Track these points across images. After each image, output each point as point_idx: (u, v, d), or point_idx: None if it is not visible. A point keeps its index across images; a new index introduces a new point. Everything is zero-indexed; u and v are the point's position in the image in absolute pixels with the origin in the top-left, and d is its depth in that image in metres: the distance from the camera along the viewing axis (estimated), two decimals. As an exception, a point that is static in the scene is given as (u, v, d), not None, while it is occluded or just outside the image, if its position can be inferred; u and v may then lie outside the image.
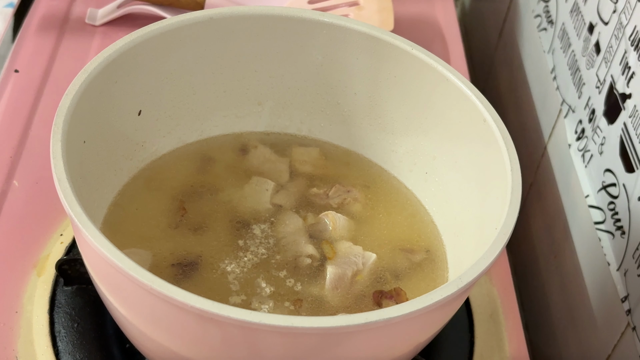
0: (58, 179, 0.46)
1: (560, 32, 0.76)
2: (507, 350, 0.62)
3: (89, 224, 0.44)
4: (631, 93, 0.60)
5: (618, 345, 0.60)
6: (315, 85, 0.64)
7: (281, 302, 0.54)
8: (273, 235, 0.58)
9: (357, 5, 0.82)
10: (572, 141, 0.72)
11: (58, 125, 0.49)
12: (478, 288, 0.65)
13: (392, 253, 0.59)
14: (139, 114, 0.59)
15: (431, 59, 0.58)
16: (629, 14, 0.62)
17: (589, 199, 0.67)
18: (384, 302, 0.55)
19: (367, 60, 0.61)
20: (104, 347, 0.58)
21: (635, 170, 0.59)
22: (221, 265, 0.55)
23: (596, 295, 0.65)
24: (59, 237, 0.64)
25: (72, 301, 0.60)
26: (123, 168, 0.60)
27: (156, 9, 0.81)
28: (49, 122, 0.49)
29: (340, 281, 0.55)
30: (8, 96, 0.75)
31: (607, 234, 0.63)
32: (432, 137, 0.61)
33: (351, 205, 0.62)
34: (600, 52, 0.67)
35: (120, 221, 0.57)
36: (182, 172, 0.62)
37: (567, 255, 0.70)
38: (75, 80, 0.52)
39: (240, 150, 0.65)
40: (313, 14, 0.60)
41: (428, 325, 0.49)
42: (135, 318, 0.47)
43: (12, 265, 0.62)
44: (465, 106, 0.57)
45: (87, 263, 0.49)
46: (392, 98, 0.62)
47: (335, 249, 0.57)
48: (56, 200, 0.46)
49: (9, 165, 0.68)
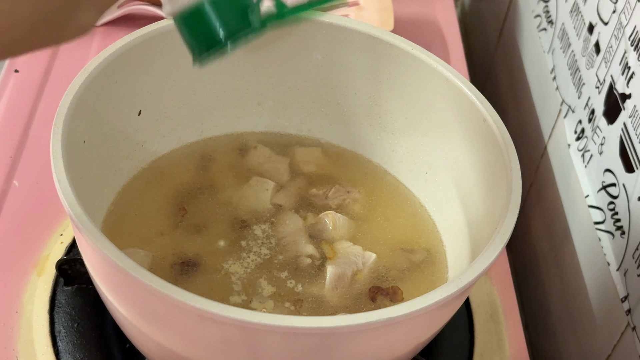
0: (58, 179, 0.46)
1: (560, 32, 0.76)
2: (507, 350, 0.62)
3: (89, 224, 0.44)
4: (631, 93, 0.60)
5: (618, 345, 0.60)
6: (315, 85, 0.64)
7: (281, 302, 0.54)
8: (274, 235, 0.58)
9: (357, 5, 0.82)
10: (572, 141, 0.72)
11: (58, 125, 0.49)
12: (478, 288, 0.65)
13: (392, 253, 0.59)
14: (139, 114, 0.59)
15: (431, 59, 0.58)
16: (629, 14, 0.62)
17: (589, 199, 0.67)
18: (379, 298, 0.55)
19: (367, 60, 0.61)
20: (104, 347, 0.58)
21: (635, 170, 0.59)
22: (223, 265, 0.55)
23: (596, 295, 0.65)
24: (59, 237, 0.64)
25: (72, 301, 0.60)
26: (123, 168, 0.60)
27: (156, 9, 0.81)
28: (49, 122, 0.49)
29: (340, 281, 0.55)
30: (8, 96, 0.75)
31: (607, 234, 0.63)
32: (432, 137, 0.61)
33: (351, 206, 0.62)
34: (600, 52, 0.67)
35: (120, 221, 0.57)
36: (182, 172, 0.62)
37: (567, 255, 0.70)
38: (75, 80, 0.52)
39: (240, 150, 0.65)
40: (313, 14, 0.60)
41: (428, 325, 0.49)
42: (135, 318, 0.47)
43: (12, 265, 0.62)
44: (465, 106, 0.57)
45: (87, 263, 0.49)
46: (392, 98, 0.62)
47: (335, 249, 0.57)
48: (56, 200, 0.46)
49: (9, 165, 0.68)
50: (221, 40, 0.43)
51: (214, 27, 0.43)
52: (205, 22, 0.43)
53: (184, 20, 0.43)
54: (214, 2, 0.42)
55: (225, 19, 0.43)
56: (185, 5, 0.42)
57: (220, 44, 0.43)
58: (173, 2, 0.43)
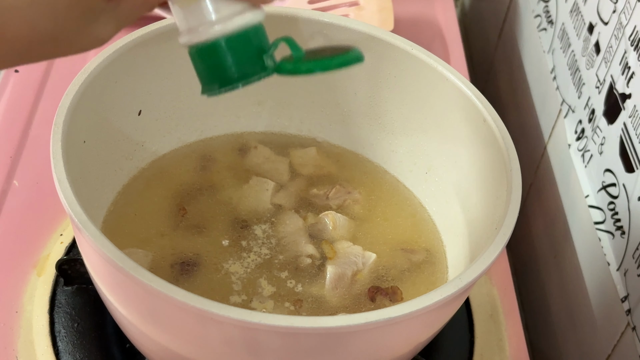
0: (58, 179, 0.46)
1: (560, 32, 0.76)
2: (507, 350, 0.62)
3: (89, 224, 0.44)
4: (631, 93, 0.60)
5: (618, 345, 0.60)
6: (315, 85, 0.64)
7: (281, 302, 0.54)
8: (274, 235, 0.58)
9: (357, 5, 0.82)
10: (572, 141, 0.72)
11: (58, 125, 0.49)
12: (478, 288, 0.65)
13: (392, 253, 0.59)
14: (139, 113, 0.59)
15: (431, 59, 0.58)
16: (629, 14, 0.62)
17: (589, 199, 0.67)
18: (378, 298, 0.55)
19: (367, 60, 0.61)
20: (104, 347, 0.58)
21: (635, 170, 0.59)
22: (224, 265, 0.55)
23: (596, 295, 0.65)
24: (59, 237, 0.64)
25: (72, 301, 0.60)
26: (123, 168, 0.60)
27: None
28: (49, 122, 0.49)
29: (340, 281, 0.55)
30: (8, 96, 0.75)
31: (607, 234, 0.63)
32: (432, 137, 0.61)
33: (351, 206, 0.62)
34: (600, 52, 0.67)
35: (120, 221, 0.57)
36: (182, 172, 0.62)
37: (567, 255, 0.70)
38: (75, 80, 0.52)
39: (240, 150, 0.65)
40: (313, 14, 0.60)
41: (428, 325, 0.49)
42: (135, 318, 0.47)
43: (12, 265, 0.62)
44: (465, 106, 0.57)
45: (87, 263, 0.49)
46: (392, 98, 0.62)
47: (335, 249, 0.57)
48: (56, 200, 0.46)
49: (9, 165, 0.68)
50: (233, 79, 0.43)
51: (228, 65, 0.43)
52: (220, 58, 0.42)
53: (198, 53, 0.43)
54: (231, 40, 0.42)
55: (240, 59, 0.43)
56: (203, 39, 0.42)
57: (231, 82, 0.43)
58: (192, 34, 0.42)
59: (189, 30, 0.43)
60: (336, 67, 0.45)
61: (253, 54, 0.43)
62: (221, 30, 0.42)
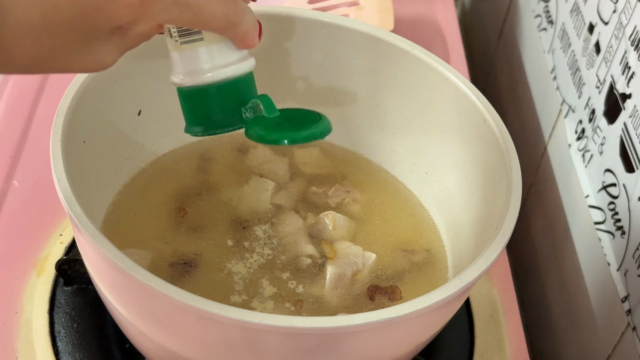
0: (58, 179, 0.46)
1: (560, 32, 0.76)
2: (507, 350, 0.62)
3: (88, 224, 0.44)
4: (631, 93, 0.60)
5: (618, 345, 0.60)
6: (315, 85, 0.64)
7: (281, 302, 0.54)
8: (275, 235, 0.58)
9: (357, 5, 0.82)
10: (572, 141, 0.72)
11: (58, 125, 0.49)
12: (478, 288, 0.65)
13: (392, 253, 0.59)
14: (139, 114, 0.59)
15: (431, 59, 0.58)
16: (629, 14, 0.62)
17: (589, 199, 0.67)
18: (377, 297, 0.55)
19: (367, 60, 0.61)
20: (104, 347, 0.58)
21: (635, 170, 0.59)
22: (226, 265, 0.55)
23: (596, 295, 0.65)
24: (58, 237, 0.64)
25: (72, 301, 0.60)
26: (123, 168, 0.60)
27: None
28: (49, 122, 0.49)
29: (340, 281, 0.55)
30: (8, 96, 0.75)
31: (607, 234, 0.63)
32: (432, 137, 0.61)
33: (350, 206, 0.62)
34: (600, 52, 0.67)
35: (120, 221, 0.57)
36: (181, 172, 0.62)
37: (567, 255, 0.70)
38: (75, 80, 0.52)
39: (239, 150, 0.65)
40: (313, 14, 0.60)
41: (428, 325, 0.49)
42: (135, 318, 0.47)
43: (12, 265, 0.62)
44: (465, 106, 0.56)
45: (87, 263, 0.49)
46: (392, 98, 0.62)
47: (335, 249, 0.57)
48: (56, 200, 0.46)
49: (9, 165, 0.68)
50: (216, 125, 0.46)
51: (214, 112, 0.46)
52: (207, 104, 0.45)
53: (188, 95, 0.45)
54: (220, 88, 0.45)
55: (225, 108, 0.45)
56: (194, 84, 0.44)
57: (213, 127, 0.46)
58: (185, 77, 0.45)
59: (183, 73, 0.45)
60: (302, 141, 0.48)
61: (238, 104, 0.46)
62: (211, 78, 0.44)
